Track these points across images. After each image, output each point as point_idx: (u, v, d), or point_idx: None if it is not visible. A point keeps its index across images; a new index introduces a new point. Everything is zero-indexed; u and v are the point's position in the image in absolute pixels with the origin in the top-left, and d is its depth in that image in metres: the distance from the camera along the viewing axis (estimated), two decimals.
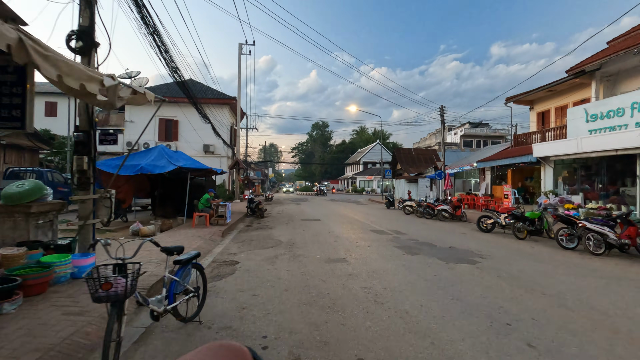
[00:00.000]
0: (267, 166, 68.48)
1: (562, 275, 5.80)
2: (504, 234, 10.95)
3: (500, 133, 63.19)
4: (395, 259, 6.79)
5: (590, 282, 5.38)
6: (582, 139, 13.14)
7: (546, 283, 5.26)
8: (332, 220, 14.55)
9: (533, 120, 20.50)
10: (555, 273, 5.93)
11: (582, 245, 8.26)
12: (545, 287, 5.01)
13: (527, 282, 5.31)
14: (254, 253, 7.44)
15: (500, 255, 7.33)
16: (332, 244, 8.58)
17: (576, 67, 15.69)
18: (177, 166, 10.92)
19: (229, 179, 28.22)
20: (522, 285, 5.09)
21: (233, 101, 26.38)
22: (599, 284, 5.32)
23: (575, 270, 6.20)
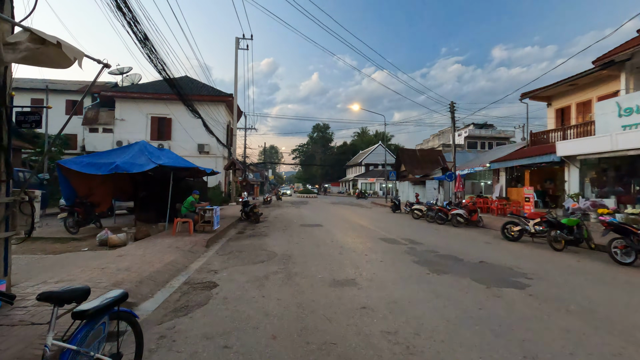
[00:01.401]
0: (267, 168, 67.05)
1: None
2: (534, 244, 9.44)
3: (505, 134, 61.78)
4: (418, 281, 5.29)
5: None
6: (617, 135, 11.66)
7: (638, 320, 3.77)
8: (335, 226, 13.04)
9: (551, 117, 19.00)
10: (636, 303, 4.44)
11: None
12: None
13: (612, 320, 3.81)
14: (239, 270, 5.95)
15: (549, 275, 5.83)
16: (337, 257, 7.08)
17: (604, 57, 14.23)
18: (157, 164, 9.46)
19: (225, 180, 26.75)
20: (610, 327, 3.59)
21: (229, 98, 24.97)
22: None
23: None
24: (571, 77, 16.28)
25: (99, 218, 10.71)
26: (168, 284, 5.19)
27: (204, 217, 10.08)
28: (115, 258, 6.25)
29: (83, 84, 26.47)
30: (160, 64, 11.62)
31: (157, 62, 11.48)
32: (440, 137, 71.94)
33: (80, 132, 24.38)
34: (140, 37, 10.27)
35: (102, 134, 24.19)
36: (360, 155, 73.30)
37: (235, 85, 24.07)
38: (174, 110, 23.32)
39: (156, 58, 11.31)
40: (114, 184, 11.87)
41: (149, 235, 8.93)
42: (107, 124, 24.31)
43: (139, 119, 23.99)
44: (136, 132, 23.39)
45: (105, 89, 24.68)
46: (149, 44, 10.64)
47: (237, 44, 24.33)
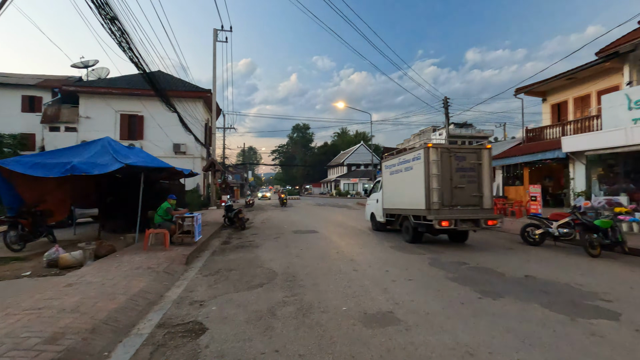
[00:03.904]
0: (247, 169, 64.88)
1: None
2: (561, 248, 8.45)
3: (484, 133, 62.53)
4: (476, 312, 4.01)
5: None
6: (632, 128, 10.92)
7: None
8: (331, 231, 11.70)
9: (546, 113, 18.46)
10: None
11: None
12: None
13: None
14: (233, 301, 4.48)
15: (623, 294, 4.69)
16: (353, 275, 5.72)
17: (607, 48, 13.61)
18: (124, 164, 7.81)
19: (204, 182, 24.87)
20: None
21: (207, 94, 23.15)
22: None
23: None
24: (571, 70, 15.69)
25: (51, 230, 8.86)
26: (135, 329, 3.68)
27: (183, 227, 8.48)
28: (62, 289, 4.64)
29: (42, 78, 23.91)
30: (133, 53, 9.92)
31: (129, 49, 9.78)
32: (420, 137, 72.12)
33: (39, 131, 21.88)
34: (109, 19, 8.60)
35: (65, 133, 21.78)
36: (342, 156, 72.49)
37: (214, 80, 22.31)
38: (147, 106, 21.30)
39: (127, 44, 9.61)
40: (72, 188, 10.03)
41: (114, 251, 7.26)
42: (70, 122, 21.93)
43: (107, 116, 21.78)
44: (104, 130, 21.06)
45: (67, 83, 22.31)
46: (117, 24, 8.95)
47: (216, 35, 22.56)
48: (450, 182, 8.58)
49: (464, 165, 8.79)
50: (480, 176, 8.84)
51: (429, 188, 8.41)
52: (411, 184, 9.32)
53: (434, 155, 8.51)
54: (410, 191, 9.32)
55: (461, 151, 8.88)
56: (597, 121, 13.57)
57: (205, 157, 24.14)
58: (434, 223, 8.18)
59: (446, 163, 8.62)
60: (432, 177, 8.41)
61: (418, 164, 8.97)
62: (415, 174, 9.07)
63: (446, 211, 8.41)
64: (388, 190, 11.12)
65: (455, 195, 8.60)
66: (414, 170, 9.18)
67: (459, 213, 8.52)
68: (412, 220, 9.21)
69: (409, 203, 9.46)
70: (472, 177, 8.79)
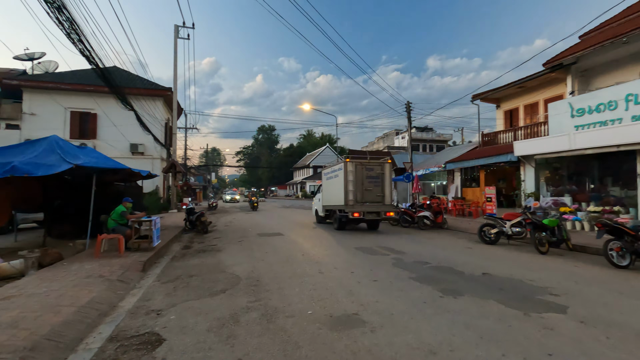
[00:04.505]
0: (210, 171, 63.05)
1: None
2: (514, 246, 8.96)
3: (444, 137, 65.36)
4: (438, 310, 4.12)
5: None
6: (574, 134, 11.85)
7: None
8: (298, 234, 11.61)
9: (500, 119, 19.59)
10: None
11: None
12: None
13: None
14: (193, 308, 4.27)
15: (570, 288, 5.04)
16: (319, 278, 5.68)
17: (553, 59, 14.70)
18: (73, 165, 7.25)
19: (164, 184, 23.82)
20: None
21: (168, 93, 22.21)
22: None
23: None
24: (521, 80, 16.76)
25: None
26: (82, 343, 3.39)
27: (140, 231, 8.02)
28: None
29: None
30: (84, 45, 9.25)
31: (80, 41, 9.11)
32: (384, 140, 74.03)
33: None
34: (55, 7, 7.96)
35: (6, 130, 19.94)
36: (308, 158, 72.57)
37: (175, 78, 21.48)
38: (101, 104, 20.04)
39: (77, 35, 8.95)
40: (15, 191, 9.17)
41: (61, 259, 6.71)
42: (12, 119, 20.13)
43: (56, 113, 20.24)
44: (51, 129, 19.51)
45: (8, 76, 20.45)
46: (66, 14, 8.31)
47: (177, 32, 21.74)
48: (362, 185, 11.94)
49: (372, 174, 12.13)
50: (383, 182, 12.28)
51: (347, 190, 11.74)
52: (337, 187, 12.52)
53: (350, 167, 11.85)
54: (337, 192, 12.52)
55: (370, 164, 12.26)
56: (544, 127, 14.58)
57: (165, 158, 23.14)
58: (348, 214, 11.58)
59: (359, 172, 11.93)
60: (349, 182, 11.78)
61: (341, 173, 12.15)
62: (339, 180, 12.26)
63: (358, 206, 11.75)
64: (324, 192, 14.57)
65: (365, 195, 11.95)
66: (339, 177, 12.40)
67: (367, 207, 11.88)
68: (338, 213, 12.33)
69: (336, 201, 12.67)
70: (377, 182, 12.20)
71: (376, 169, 12.26)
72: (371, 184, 12.07)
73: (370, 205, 11.95)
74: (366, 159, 12.59)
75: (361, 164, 12.07)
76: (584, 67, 14.46)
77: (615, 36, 11.97)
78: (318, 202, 15.56)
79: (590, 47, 12.86)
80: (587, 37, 15.51)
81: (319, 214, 15.22)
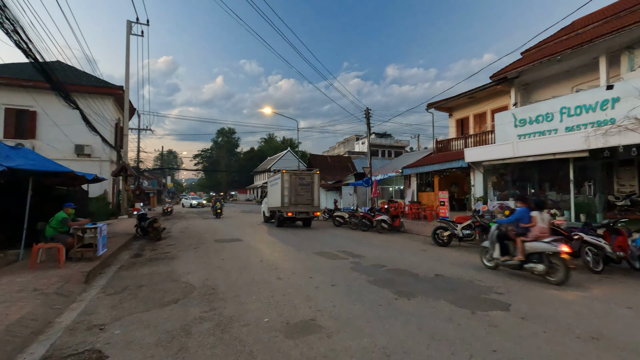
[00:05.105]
0: (165, 174, 60.27)
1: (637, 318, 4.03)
2: (465, 248, 9.46)
3: (402, 143, 67.76)
4: (393, 312, 4.22)
5: None
6: (517, 143, 12.80)
7: None
8: (258, 240, 11.40)
9: (452, 127, 20.67)
10: (626, 316, 4.15)
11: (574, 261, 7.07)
12: None
13: (637, 347, 3.29)
14: (141, 321, 4.02)
15: (512, 287, 5.40)
16: (277, 284, 5.60)
17: (499, 73, 15.83)
18: (5, 167, 6.57)
19: (113, 189, 22.37)
20: None
21: (119, 91, 20.93)
22: None
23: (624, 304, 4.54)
24: (470, 91, 17.84)
25: None
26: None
27: (83, 240, 7.43)
28: None
29: None
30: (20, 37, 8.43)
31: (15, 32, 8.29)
32: (345, 145, 75.22)
33: None
34: None
35: None
36: (269, 162, 71.81)
37: (127, 76, 20.33)
38: (41, 101, 18.39)
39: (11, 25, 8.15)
40: None
41: None
42: None
43: None
44: None
45: None
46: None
47: (130, 28, 20.63)
48: (295, 191, 15.06)
49: (303, 182, 15.37)
50: (312, 188, 15.53)
51: (283, 195, 14.87)
52: (277, 192, 15.57)
53: (286, 177, 15.08)
54: (276, 196, 15.61)
55: (302, 174, 15.68)
56: (491, 135, 15.61)
57: (115, 161, 21.77)
58: (284, 213, 14.74)
59: (293, 181, 15.14)
60: (285, 189, 14.91)
61: (279, 181, 15.25)
62: (278, 187, 15.32)
63: (292, 207, 14.87)
64: (269, 197, 17.86)
65: (297, 199, 15.10)
66: (278, 185, 15.43)
67: (299, 208, 15.00)
68: (277, 213, 15.34)
69: (276, 203, 15.65)
70: (308, 189, 15.37)
71: (307, 179, 15.48)
72: (302, 190, 15.24)
73: (302, 206, 15.05)
74: (299, 170, 16.03)
75: (295, 175, 15.42)
76: (525, 81, 15.70)
77: (551, 54, 13.14)
78: (264, 205, 18.86)
79: (530, 64, 14.02)
80: (528, 53, 16.90)
81: (265, 215, 18.33)
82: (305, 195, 15.19)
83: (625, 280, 5.87)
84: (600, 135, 9.97)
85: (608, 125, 9.94)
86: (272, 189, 16.90)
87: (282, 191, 14.76)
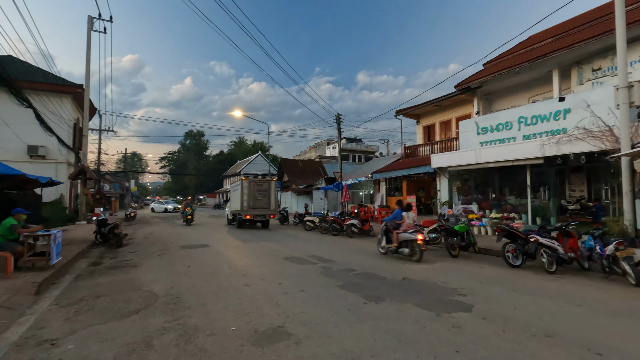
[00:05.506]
0: (129, 178, 57.62)
1: (588, 316, 4.31)
2: (431, 251, 9.73)
3: (372, 148, 69.00)
4: (361, 316, 4.25)
5: (627, 324, 3.97)
6: (480, 150, 13.40)
7: (596, 339, 3.58)
8: (225, 245, 11.15)
9: (419, 133, 21.35)
10: (576, 313, 4.43)
11: (530, 263, 7.49)
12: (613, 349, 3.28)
13: (584, 342, 3.52)
14: (98, 334, 3.79)
15: (475, 288, 5.62)
16: (245, 291, 5.48)
17: (462, 83, 16.54)
18: None
19: (71, 193, 21.08)
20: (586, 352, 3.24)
21: (78, 90, 19.82)
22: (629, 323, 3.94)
23: (591, 304, 4.86)
24: (436, 99, 18.53)
25: None
26: None
27: (35, 248, 6.92)
28: None
29: None
30: None
31: None
32: (316, 149, 75.53)
33: None
34: None
35: None
36: (239, 165, 70.64)
37: (87, 74, 19.31)
38: None
39: None
40: None
41: None
42: None
43: None
44: None
45: None
46: None
47: (91, 24, 19.62)
48: (254, 196, 17.06)
49: (261, 188, 17.43)
50: (269, 193, 17.54)
51: (242, 199, 16.87)
52: (237, 197, 17.44)
53: (245, 183, 17.11)
54: (237, 200, 17.43)
55: (260, 181, 17.91)
56: (456, 142, 16.25)
57: (73, 163, 20.55)
58: (242, 216, 16.91)
59: (252, 187, 17.18)
60: (244, 194, 16.89)
61: (239, 187, 17.30)
62: (239, 192, 17.21)
63: (250, 210, 16.93)
64: (231, 201, 20.13)
65: (256, 203, 17.11)
66: (238, 191, 17.32)
67: (256, 211, 17.06)
68: (238, 216, 17.35)
69: (237, 207, 17.52)
70: (265, 194, 17.39)
71: (264, 185, 17.56)
72: (260, 195, 17.25)
73: (259, 210, 17.11)
74: (257, 177, 17.74)
75: (253, 181, 17.68)
76: (487, 91, 16.52)
77: (510, 67, 13.93)
78: (227, 209, 20.91)
79: (491, 75, 14.78)
80: (489, 65, 17.82)
81: (229, 217, 20.15)
82: (262, 200, 17.21)
83: (576, 280, 6.28)
84: (553, 144, 10.65)
85: (560, 135, 10.64)
86: (233, 194, 18.76)
87: (241, 196, 16.77)
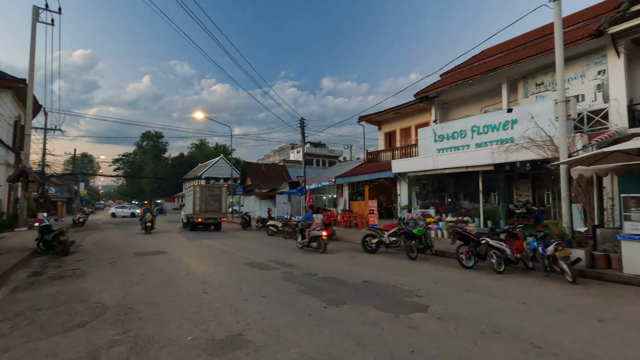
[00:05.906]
0: (78, 180, 53.75)
1: (531, 313, 4.63)
2: (391, 254, 10.01)
3: (335, 153, 69.85)
4: (322, 321, 4.27)
5: (564, 319, 4.32)
6: (437, 156, 14.02)
7: (538, 334, 3.86)
8: (183, 251, 10.73)
9: (381, 139, 21.94)
10: (521, 310, 4.74)
11: (482, 263, 7.94)
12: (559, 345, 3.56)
13: (527, 337, 3.78)
14: (38, 351, 3.48)
15: (431, 289, 5.85)
16: (203, 299, 5.31)
17: (422, 92, 17.26)
18: None
19: (9, 196, 19.27)
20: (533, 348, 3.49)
21: (20, 85, 18.23)
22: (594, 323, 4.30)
23: (541, 302, 5.21)
24: (397, 106, 19.17)
25: None
26: None
27: None
28: None
29: None
30: None
31: None
32: (280, 153, 75.13)
33: None
34: None
35: None
36: (200, 169, 68.48)
37: (31, 68, 17.87)
38: None
39: None
40: None
41: None
42: None
43: None
44: None
45: None
46: None
47: (36, 14, 18.21)
48: (206, 200, 18.35)
49: (213, 193, 18.76)
50: (220, 198, 18.90)
51: (194, 204, 18.24)
52: (191, 201, 18.98)
53: (198, 189, 18.52)
54: (190, 205, 19.01)
55: (211, 187, 19.26)
56: (415, 149, 16.89)
57: (13, 164, 18.83)
58: (194, 219, 18.19)
59: (204, 192, 18.54)
60: (196, 199, 18.23)
61: (192, 192, 18.87)
62: (192, 197, 18.76)
63: (202, 214, 18.23)
64: (185, 205, 21.84)
65: (207, 207, 18.43)
66: (191, 195, 18.84)
67: (208, 215, 18.41)
68: (191, 219, 18.74)
69: (190, 211, 19.15)
70: (216, 199, 18.73)
71: (216, 190, 18.90)
72: (212, 200, 18.58)
73: (211, 213, 18.49)
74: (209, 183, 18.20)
75: (205, 187, 19.16)
76: (444, 101, 17.35)
77: (464, 78, 14.75)
78: (183, 213, 22.29)
79: (447, 85, 15.57)
80: (446, 76, 18.75)
81: (183, 221, 21.44)
82: (214, 204, 18.61)
83: (521, 279, 6.74)
84: (502, 152, 11.40)
85: (509, 143, 11.41)
86: (187, 198, 20.59)
87: (194, 201, 18.19)
